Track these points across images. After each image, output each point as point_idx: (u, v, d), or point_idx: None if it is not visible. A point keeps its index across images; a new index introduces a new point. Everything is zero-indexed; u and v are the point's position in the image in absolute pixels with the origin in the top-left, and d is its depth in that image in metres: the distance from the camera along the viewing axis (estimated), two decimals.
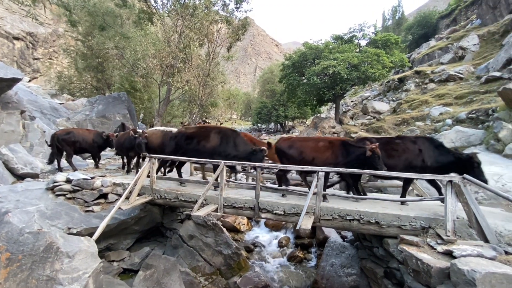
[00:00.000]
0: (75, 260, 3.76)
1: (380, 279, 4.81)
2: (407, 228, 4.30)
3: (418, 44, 33.39)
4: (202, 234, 6.90)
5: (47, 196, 5.62)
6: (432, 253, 3.78)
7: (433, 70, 20.10)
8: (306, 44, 20.00)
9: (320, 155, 5.33)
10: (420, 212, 4.51)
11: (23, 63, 34.45)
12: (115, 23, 16.41)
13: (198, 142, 6.26)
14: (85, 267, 3.82)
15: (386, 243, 4.52)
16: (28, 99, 12.17)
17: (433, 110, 14.04)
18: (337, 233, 8.38)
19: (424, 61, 25.22)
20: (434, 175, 4.42)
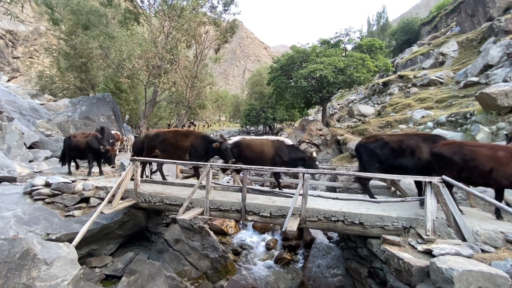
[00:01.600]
0: (53, 267, 3.61)
1: (364, 279, 4.89)
2: (389, 228, 4.40)
3: (402, 49, 34.55)
4: (188, 237, 6.80)
5: (24, 201, 5.38)
6: (413, 252, 3.88)
7: (415, 75, 20.82)
8: (294, 47, 20.20)
9: (502, 167, 4.24)
10: (402, 212, 4.63)
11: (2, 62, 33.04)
12: (99, 22, 16.05)
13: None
14: (64, 274, 3.67)
15: (369, 243, 4.60)
16: (6, 100, 11.67)
17: (416, 113, 14.50)
18: (323, 234, 8.46)
19: (407, 66, 26.09)
20: (415, 176, 4.56)
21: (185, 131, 7.02)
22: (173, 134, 6.79)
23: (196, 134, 6.75)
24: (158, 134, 6.97)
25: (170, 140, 6.67)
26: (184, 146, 6.48)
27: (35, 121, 11.98)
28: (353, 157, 12.37)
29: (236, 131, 54.03)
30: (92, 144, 7.31)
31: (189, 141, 6.48)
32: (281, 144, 6.60)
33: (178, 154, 6.52)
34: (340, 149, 15.21)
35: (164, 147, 6.74)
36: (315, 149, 15.75)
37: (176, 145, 6.57)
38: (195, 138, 6.54)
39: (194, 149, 6.41)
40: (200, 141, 6.46)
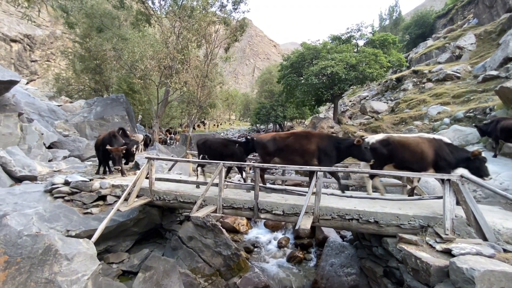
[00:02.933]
0: (74, 263, 3.74)
1: (379, 278, 4.81)
2: (406, 227, 4.31)
3: (416, 43, 33.55)
4: (201, 235, 6.89)
5: (45, 199, 5.60)
6: (431, 251, 3.79)
7: (430, 70, 20.20)
8: (304, 44, 20.03)
9: None
10: (419, 211, 4.52)
11: (21, 65, 34.37)
12: (112, 25, 16.42)
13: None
14: (84, 270, 3.80)
15: (385, 242, 4.52)
16: (26, 102, 12.13)
17: (431, 109, 14.10)
18: (336, 232, 8.38)
19: (421, 61, 25.35)
20: (433, 173, 4.44)
21: (304, 132, 6.11)
22: (294, 138, 5.85)
23: (319, 135, 5.87)
24: (276, 138, 6.06)
25: (293, 145, 5.77)
26: (311, 150, 5.60)
27: (53, 122, 12.42)
28: None
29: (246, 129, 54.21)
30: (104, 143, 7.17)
31: (314, 143, 5.62)
32: (441, 143, 5.36)
33: (305, 160, 5.66)
34: None
35: (286, 154, 5.87)
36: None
37: (301, 150, 5.67)
38: (320, 139, 5.67)
39: (322, 152, 5.54)
40: (326, 142, 5.61)
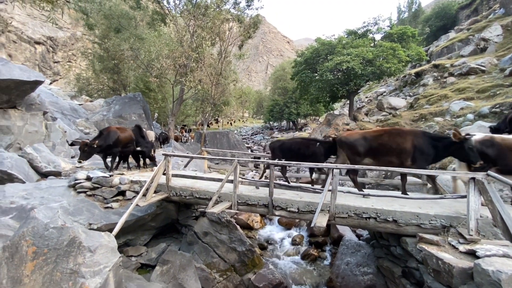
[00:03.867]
0: (96, 254, 3.90)
1: (398, 278, 4.69)
2: (426, 226, 4.17)
3: (437, 36, 32.14)
4: (216, 231, 6.98)
5: (69, 193, 5.87)
6: (454, 252, 3.65)
7: (452, 63, 19.31)
8: (319, 40, 19.70)
9: None
10: (440, 210, 4.36)
11: (44, 66, 36.03)
12: (129, 25, 16.83)
13: None
14: (105, 261, 3.95)
15: (404, 242, 4.40)
16: (50, 101, 12.71)
17: (453, 105, 13.49)
18: (352, 231, 8.24)
19: (443, 54, 24.28)
20: (455, 172, 4.26)
21: (395, 129, 5.59)
22: (389, 136, 5.28)
23: (413, 132, 5.25)
24: (366, 137, 5.44)
25: (388, 144, 5.19)
26: (407, 149, 5.00)
27: (75, 120, 12.95)
28: None
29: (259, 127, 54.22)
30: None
31: (409, 141, 5.01)
32: None
33: (401, 161, 5.08)
34: None
35: (380, 155, 5.31)
36: None
37: (398, 150, 5.08)
38: (415, 136, 5.05)
39: (418, 151, 4.95)
40: (422, 139, 4.99)
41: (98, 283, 3.70)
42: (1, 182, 6.07)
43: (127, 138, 7.35)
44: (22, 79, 7.89)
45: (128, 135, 7.46)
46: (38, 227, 3.99)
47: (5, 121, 8.06)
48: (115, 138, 6.91)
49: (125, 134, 7.36)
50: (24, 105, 8.80)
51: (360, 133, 5.71)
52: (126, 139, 7.30)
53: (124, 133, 7.36)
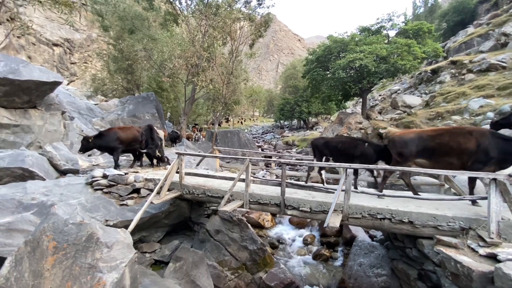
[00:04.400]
0: (113, 250, 4.01)
1: (413, 281, 4.59)
2: (444, 228, 4.05)
3: (454, 32, 31.00)
4: (228, 229, 7.03)
5: (86, 190, 6.06)
6: (473, 256, 3.53)
7: (471, 60, 18.60)
8: (331, 37, 19.43)
9: None
10: (459, 212, 4.22)
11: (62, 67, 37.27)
12: (143, 26, 17.13)
13: None
14: (122, 257, 4.06)
15: (420, 243, 4.29)
16: (67, 101, 13.15)
17: (472, 102, 13.00)
18: (365, 232, 8.12)
19: (461, 50, 23.42)
20: (475, 172, 4.11)
21: (457, 128, 5.23)
22: (449, 135, 4.88)
23: (479, 131, 4.81)
24: (422, 136, 5.06)
25: (448, 144, 4.79)
26: (470, 149, 4.57)
27: (91, 120, 13.35)
28: None
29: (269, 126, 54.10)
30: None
31: (473, 141, 4.58)
32: None
33: (462, 163, 4.66)
34: None
35: (438, 156, 4.88)
36: None
37: (458, 150, 4.67)
38: (480, 135, 4.62)
39: (483, 152, 4.49)
40: (488, 139, 4.53)
41: (115, 278, 3.81)
42: (23, 179, 6.33)
43: (128, 138, 7.63)
44: (42, 80, 8.19)
45: (130, 135, 7.72)
46: (58, 222, 4.14)
47: (26, 121, 8.40)
48: (115, 137, 7.32)
49: (127, 134, 7.64)
50: (44, 105, 9.13)
51: (415, 132, 5.37)
52: (127, 139, 7.58)
53: (126, 132, 7.64)
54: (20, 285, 3.69)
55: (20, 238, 4.98)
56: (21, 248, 3.92)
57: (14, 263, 3.83)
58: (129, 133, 7.68)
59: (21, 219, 5.16)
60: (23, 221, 5.16)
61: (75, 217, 4.45)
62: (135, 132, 7.92)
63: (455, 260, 3.42)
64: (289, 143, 27.94)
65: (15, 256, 3.87)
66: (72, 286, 3.68)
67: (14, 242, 4.91)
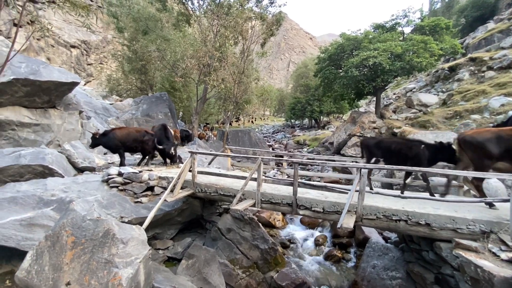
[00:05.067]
0: (128, 246, 4.10)
1: (430, 285, 4.46)
2: (463, 231, 3.90)
3: (473, 27, 29.78)
4: (239, 227, 7.06)
5: (102, 188, 6.24)
6: (495, 260, 3.39)
7: (491, 56, 17.83)
8: (344, 35, 19.10)
9: None
10: (479, 214, 4.06)
11: (79, 68, 38.46)
12: (156, 27, 17.43)
13: None
14: (136, 253, 4.15)
15: (437, 246, 4.17)
16: (84, 101, 13.54)
17: (493, 101, 12.48)
18: (378, 233, 7.96)
19: (480, 47, 22.49)
20: (500, 173, 3.93)
21: None
22: None
23: None
24: (502, 136, 4.45)
25: None
26: None
27: (107, 119, 13.71)
28: None
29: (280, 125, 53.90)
30: None
31: None
32: None
33: None
34: None
35: None
36: None
37: None
38: None
39: None
40: None
41: (130, 273, 3.90)
42: (43, 176, 6.58)
43: (125, 138, 7.93)
44: (61, 81, 8.48)
45: (127, 135, 8.01)
46: (77, 218, 4.28)
47: (46, 120, 8.73)
48: (112, 137, 7.81)
49: (123, 134, 7.96)
50: (63, 105, 9.46)
51: (492, 131, 4.70)
52: (124, 139, 7.92)
53: (122, 133, 7.98)
54: (41, 278, 3.84)
55: (40, 233, 5.19)
56: (42, 243, 4.08)
57: (35, 257, 3.99)
58: (125, 134, 8.00)
59: (41, 215, 5.36)
60: (43, 217, 5.36)
61: (92, 214, 4.58)
62: (133, 132, 8.17)
63: (475, 264, 3.29)
64: (300, 143, 27.73)
65: (36, 250, 4.03)
66: (90, 280, 3.80)
67: (35, 237, 5.12)
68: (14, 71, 7.49)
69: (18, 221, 5.15)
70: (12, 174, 6.23)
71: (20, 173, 6.29)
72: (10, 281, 5.03)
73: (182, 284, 5.06)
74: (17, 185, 5.91)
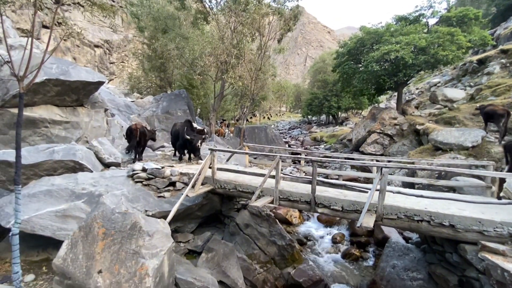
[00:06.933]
0: (154, 239, 4.35)
1: (453, 287, 4.36)
2: (490, 234, 3.78)
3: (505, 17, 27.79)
4: (256, 223, 7.21)
5: (128, 182, 6.58)
6: None
7: None
8: (364, 28, 18.54)
9: None
10: (508, 217, 3.90)
11: (102, 67, 40.09)
12: (175, 25, 17.79)
13: None
14: (161, 245, 4.39)
15: (462, 249, 4.06)
16: (108, 99, 14.14)
17: None
18: (399, 233, 7.81)
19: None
20: None
21: None
22: None
23: None
24: None
25: None
26: None
27: (129, 116, 14.27)
28: (437, 150, 10.83)
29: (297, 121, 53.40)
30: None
31: None
32: None
33: None
34: (420, 140, 13.50)
35: None
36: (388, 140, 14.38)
37: None
38: None
39: None
40: None
41: (156, 264, 4.14)
42: (74, 171, 7.03)
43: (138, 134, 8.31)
44: (88, 80, 8.94)
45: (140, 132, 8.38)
46: (106, 211, 4.57)
47: (75, 118, 9.25)
48: (128, 133, 8.42)
49: (138, 131, 8.33)
50: (89, 103, 9.98)
51: None
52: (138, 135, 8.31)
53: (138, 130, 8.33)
54: (76, 265, 4.16)
55: (73, 224, 5.59)
56: (76, 233, 4.41)
57: (70, 246, 4.32)
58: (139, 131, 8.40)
59: (74, 207, 5.77)
60: (76, 209, 5.76)
61: (120, 207, 4.87)
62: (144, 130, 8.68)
63: (502, 268, 3.20)
64: (317, 139, 27.42)
65: (71, 239, 4.36)
66: (119, 269, 4.07)
67: (68, 227, 5.52)
68: (46, 72, 7.98)
69: (53, 213, 5.57)
70: (47, 169, 6.71)
71: (54, 167, 6.76)
72: (46, 268, 5.48)
73: (203, 276, 5.28)
74: (51, 179, 6.37)
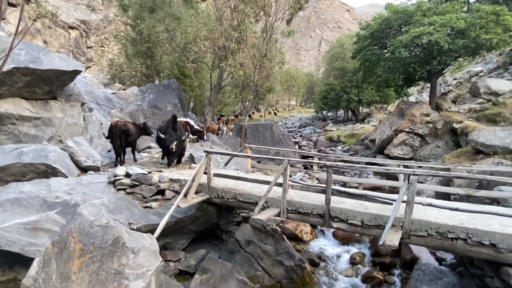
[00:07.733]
0: (139, 257, 4.44)
1: None
2: None
3: None
4: (260, 240, 7.26)
5: (109, 190, 6.70)
6: None
7: None
8: (390, 6, 18.55)
9: None
10: None
11: (78, 52, 40.59)
12: (164, 3, 18.00)
13: None
14: (148, 265, 4.48)
15: (505, 273, 4.10)
16: (85, 90, 14.35)
17: None
18: (430, 253, 7.82)
19: None
20: None
21: None
22: None
23: None
24: None
25: None
26: None
27: (110, 111, 14.46)
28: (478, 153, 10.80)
29: (309, 117, 53.44)
30: None
31: None
32: None
33: None
34: (457, 142, 13.47)
35: None
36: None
37: None
38: None
39: None
40: None
41: (141, 286, 4.23)
42: (46, 175, 7.18)
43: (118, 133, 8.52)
44: (62, 69, 9.11)
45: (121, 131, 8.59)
46: (84, 224, 4.69)
47: (47, 113, 9.43)
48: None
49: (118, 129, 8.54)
50: (64, 96, 10.16)
51: None
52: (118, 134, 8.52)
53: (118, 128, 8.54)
54: (48, 287, 4.27)
55: (45, 238, 5.71)
56: (49, 249, 4.52)
57: (42, 264, 4.43)
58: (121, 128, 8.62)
59: (46, 218, 5.89)
60: (48, 220, 5.88)
61: (101, 219, 5.00)
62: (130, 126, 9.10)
63: None
64: (333, 139, 27.44)
65: (43, 256, 4.48)
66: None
67: (39, 242, 5.64)
68: (14, 59, 8.09)
69: (22, 225, 5.70)
70: (14, 173, 6.86)
71: (23, 172, 6.91)
72: None
73: None
74: (20, 185, 6.52)
